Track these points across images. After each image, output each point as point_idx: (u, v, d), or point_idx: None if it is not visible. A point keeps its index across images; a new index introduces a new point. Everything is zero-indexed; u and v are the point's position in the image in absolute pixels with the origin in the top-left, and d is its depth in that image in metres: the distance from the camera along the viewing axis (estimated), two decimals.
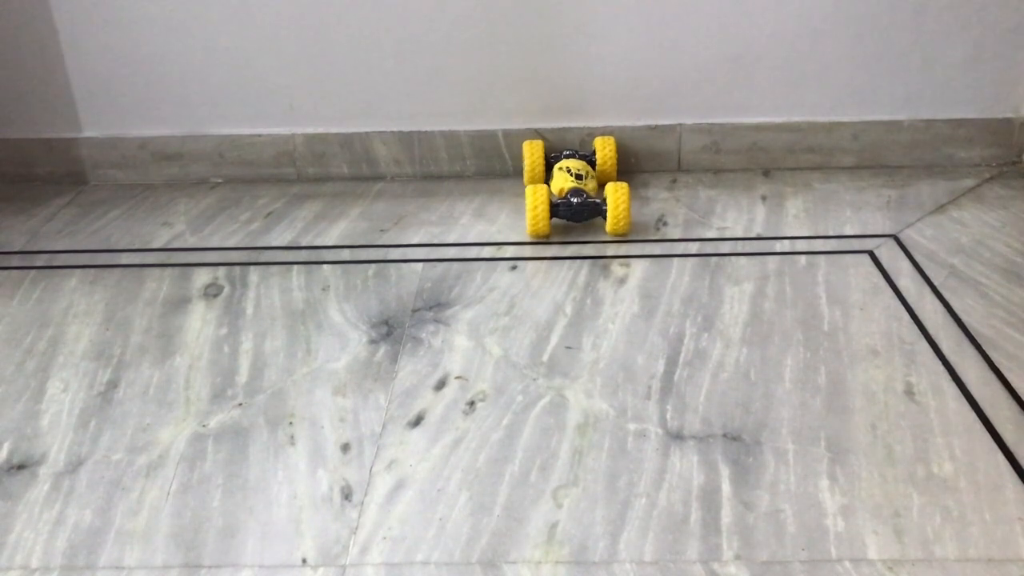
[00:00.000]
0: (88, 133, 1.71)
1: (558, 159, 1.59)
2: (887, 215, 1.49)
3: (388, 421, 1.08)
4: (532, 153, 1.59)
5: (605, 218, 1.46)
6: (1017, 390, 1.08)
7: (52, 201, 1.66)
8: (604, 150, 1.59)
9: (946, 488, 0.95)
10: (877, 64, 1.59)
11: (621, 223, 1.44)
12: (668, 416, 1.07)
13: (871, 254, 1.38)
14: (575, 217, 1.47)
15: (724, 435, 1.03)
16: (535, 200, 1.44)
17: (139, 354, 1.22)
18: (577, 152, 1.61)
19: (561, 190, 1.50)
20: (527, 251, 1.43)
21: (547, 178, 1.59)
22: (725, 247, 1.42)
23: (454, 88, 1.64)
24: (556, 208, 1.47)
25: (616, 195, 1.44)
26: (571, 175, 1.52)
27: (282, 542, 0.92)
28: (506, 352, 1.19)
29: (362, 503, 0.96)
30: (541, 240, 1.45)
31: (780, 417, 1.06)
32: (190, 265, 1.43)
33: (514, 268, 1.38)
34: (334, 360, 1.19)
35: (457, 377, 1.15)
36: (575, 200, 1.46)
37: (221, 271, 1.41)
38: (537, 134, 1.66)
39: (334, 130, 1.68)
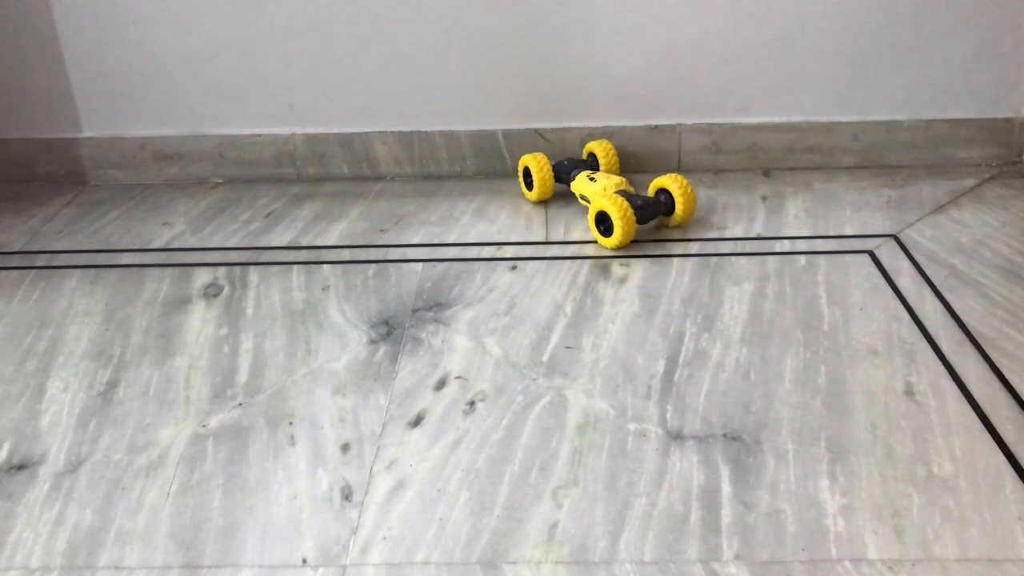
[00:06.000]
0: (88, 133, 1.71)
1: (562, 168, 1.57)
2: (887, 215, 1.49)
3: (388, 421, 1.08)
4: (540, 167, 1.54)
5: (667, 213, 1.45)
6: (1017, 390, 1.08)
7: (52, 201, 1.66)
8: (607, 153, 1.59)
9: (946, 488, 0.95)
10: (877, 64, 1.59)
11: (692, 209, 1.45)
12: (668, 416, 1.06)
13: (871, 254, 1.38)
14: (643, 219, 1.44)
15: (724, 435, 1.03)
16: (621, 210, 1.38)
17: (139, 354, 1.22)
18: (574, 161, 1.59)
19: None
20: (527, 251, 1.43)
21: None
22: (725, 247, 1.42)
23: (454, 88, 1.64)
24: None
25: (680, 184, 1.43)
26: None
27: (282, 542, 0.92)
28: (506, 352, 1.19)
29: (362, 503, 0.96)
30: (552, 240, 1.46)
31: (780, 417, 1.06)
32: (190, 265, 1.43)
33: (514, 268, 1.38)
34: (334, 360, 1.19)
35: (457, 377, 1.15)
36: (639, 201, 1.43)
37: (221, 271, 1.41)
38: (537, 134, 1.66)
39: (334, 130, 1.68)
